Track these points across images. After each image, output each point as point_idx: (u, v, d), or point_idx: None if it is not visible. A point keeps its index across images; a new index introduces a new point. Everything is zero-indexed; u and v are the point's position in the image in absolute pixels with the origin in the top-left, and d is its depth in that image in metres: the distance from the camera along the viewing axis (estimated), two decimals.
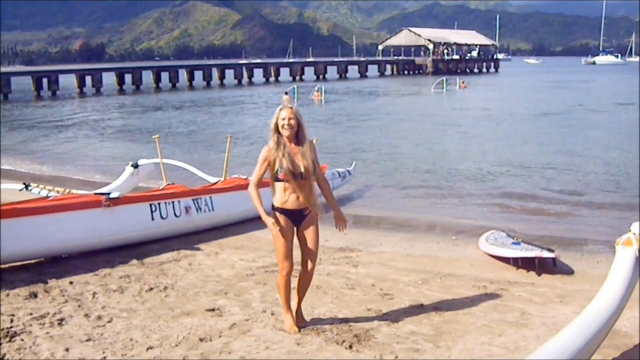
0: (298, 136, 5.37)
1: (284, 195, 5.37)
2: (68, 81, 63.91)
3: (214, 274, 7.48)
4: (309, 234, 5.47)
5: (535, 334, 5.58)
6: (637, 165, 16.01)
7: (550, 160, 17.86)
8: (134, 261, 7.93)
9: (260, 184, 5.44)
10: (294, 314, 5.70)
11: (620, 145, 20.71)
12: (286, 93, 44.66)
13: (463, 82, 57.59)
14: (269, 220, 5.33)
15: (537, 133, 24.40)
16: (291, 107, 5.37)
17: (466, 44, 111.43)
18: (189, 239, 9.15)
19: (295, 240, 5.52)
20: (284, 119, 5.31)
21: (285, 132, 5.32)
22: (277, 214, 5.40)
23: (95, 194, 8.85)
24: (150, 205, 8.90)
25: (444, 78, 55.98)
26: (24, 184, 9.95)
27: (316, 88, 47.42)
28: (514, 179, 15.14)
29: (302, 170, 5.29)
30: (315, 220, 5.49)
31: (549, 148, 20.29)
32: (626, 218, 10.85)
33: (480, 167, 16.85)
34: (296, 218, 5.43)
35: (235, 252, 8.58)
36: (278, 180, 5.36)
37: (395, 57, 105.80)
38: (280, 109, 5.36)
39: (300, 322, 5.72)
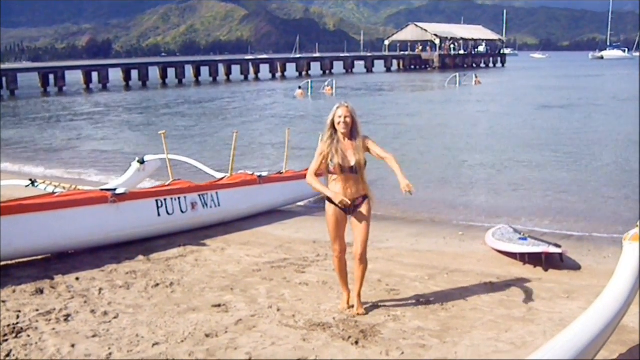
0: (352, 132, 5.67)
1: (334, 187, 5.70)
2: (75, 77, 64.05)
3: (220, 269, 7.48)
4: (357, 224, 5.77)
5: (542, 329, 5.56)
6: None
7: (558, 154, 17.81)
8: (140, 257, 7.94)
9: (316, 174, 5.82)
10: (350, 294, 6.01)
11: (631, 138, 20.60)
12: (300, 87, 45.02)
13: (477, 78, 57.28)
14: (332, 194, 5.64)
15: (547, 128, 24.29)
16: (347, 106, 5.70)
17: (473, 39, 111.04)
18: (195, 234, 9.15)
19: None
20: (340, 116, 5.65)
21: (341, 129, 5.65)
22: (328, 203, 5.77)
23: (102, 190, 8.86)
24: (157, 201, 8.90)
25: (458, 74, 55.96)
26: (30, 180, 9.97)
27: (327, 83, 49.00)
28: (521, 174, 15.09)
29: (353, 164, 5.62)
30: (366, 211, 5.76)
31: (558, 142, 20.21)
32: (634, 213, 10.82)
33: (486, 162, 16.82)
34: (345, 208, 5.71)
35: (242, 247, 8.58)
36: (330, 172, 5.69)
37: (402, 53, 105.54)
38: (337, 107, 5.71)
39: (359, 309, 5.91)
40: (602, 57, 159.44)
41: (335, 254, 5.92)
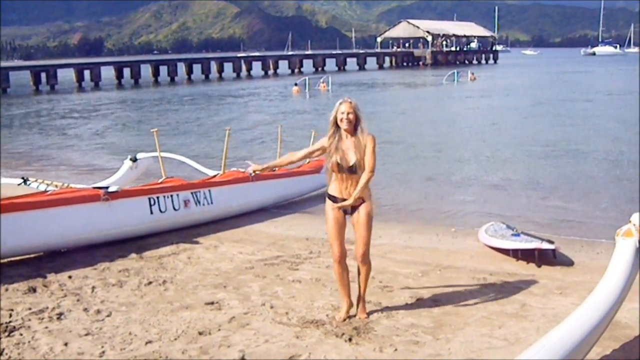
0: (356, 130, 5.45)
1: (334, 184, 5.54)
2: (66, 75, 63.75)
3: (213, 267, 7.46)
4: (358, 224, 5.58)
5: (536, 325, 5.57)
6: (637, 155, 15.97)
7: (551, 150, 17.84)
8: (133, 255, 7.92)
9: (298, 158, 5.86)
10: (351, 306, 5.78)
11: (622, 134, 20.66)
12: (296, 84, 45.08)
13: (473, 74, 57.58)
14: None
15: (538, 123, 24.34)
16: (350, 102, 5.46)
17: (465, 36, 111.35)
18: (188, 232, 9.13)
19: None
20: (342, 112, 5.42)
21: (343, 126, 5.42)
22: (328, 201, 5.59)
23: (94, 187, 8.83)
24: (149, 198, 8.88)
25: (455, 70, 56.33)
26: (23, 178, 9.89)
27: (322, 79, 49.86)
28: (514, 170, 15.11)
29: (352, 164, 5.39)
30: (367, 212, 5.56)
31: (550, 137, 20.24)
32: (626, 209, 10.84)
33: (479, 159, 16.84)
34: (345, 209, 5.54)
35: (234, 245, 8.57)
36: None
37: (394, 50, 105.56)
38: (340, 103, 5.48)
39: (361, 312, 5.79)
40: (594, 54, 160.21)
41: (334, 258, 5.63)
